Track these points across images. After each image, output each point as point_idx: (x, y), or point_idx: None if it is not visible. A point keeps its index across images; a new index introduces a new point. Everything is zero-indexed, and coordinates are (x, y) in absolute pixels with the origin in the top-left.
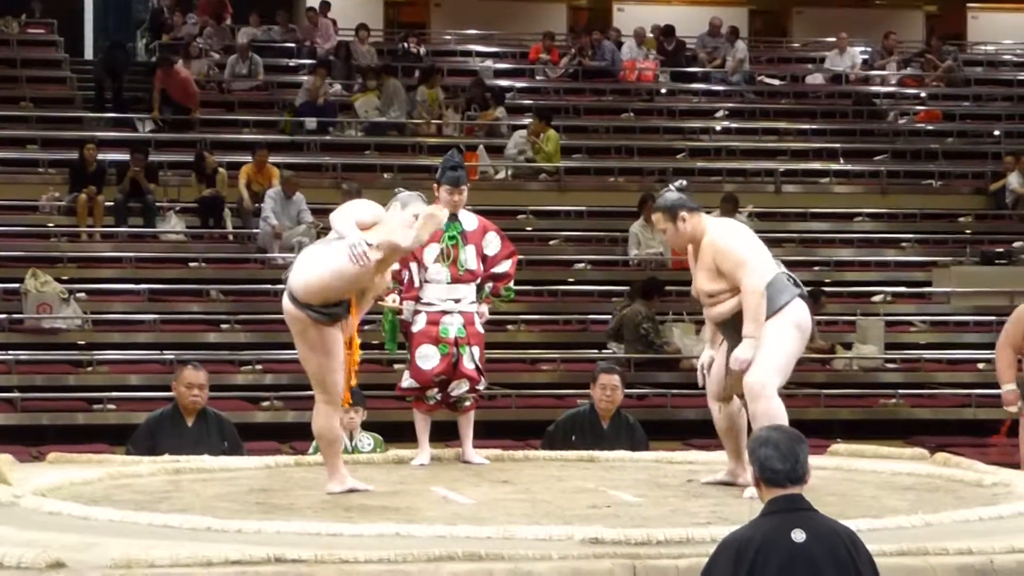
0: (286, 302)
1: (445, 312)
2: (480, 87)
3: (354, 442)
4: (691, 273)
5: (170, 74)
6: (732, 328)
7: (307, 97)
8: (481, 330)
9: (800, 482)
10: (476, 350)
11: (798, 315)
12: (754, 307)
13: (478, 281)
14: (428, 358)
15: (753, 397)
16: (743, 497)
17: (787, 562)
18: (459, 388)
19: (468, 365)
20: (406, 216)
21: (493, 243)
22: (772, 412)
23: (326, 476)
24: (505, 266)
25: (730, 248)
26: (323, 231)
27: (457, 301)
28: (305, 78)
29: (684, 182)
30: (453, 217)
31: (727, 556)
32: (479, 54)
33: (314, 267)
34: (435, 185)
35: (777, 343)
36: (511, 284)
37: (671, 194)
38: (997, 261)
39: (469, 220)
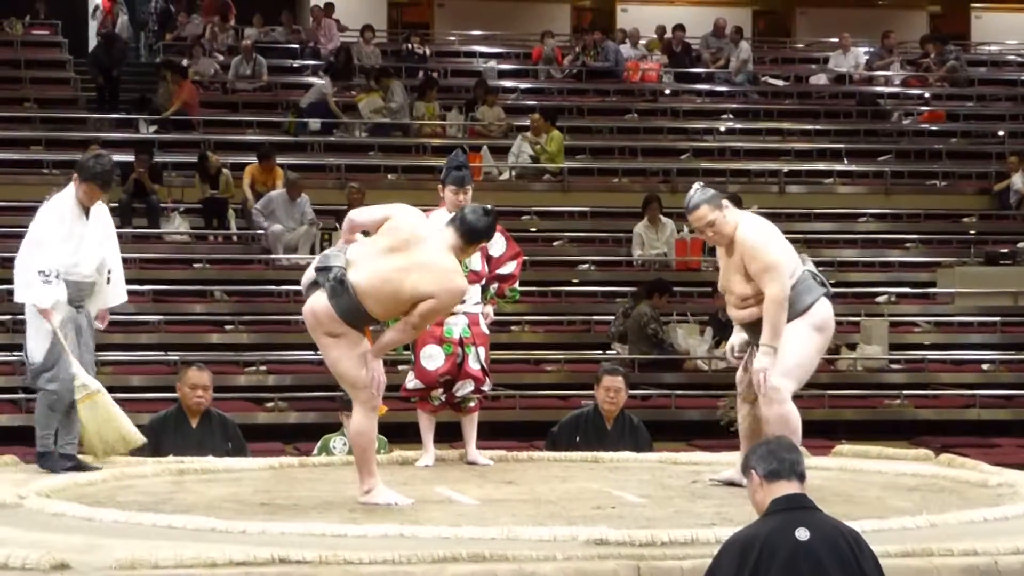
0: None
1: (450, 313)
2: (482, 88)
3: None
4: (720, 268)
5: (183, 86)
6: (756, 329)
7: (316, 98)
8: (486, 331)
9: (802, 478)
10: (482, 350)
11: (821, 316)
12: (773, 316)
13: (483, 282)
14: (433, 358)
15: (767, 402)
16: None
17: (791, 560)
18: (464, 388)
19: (474, 365)
20: None
21: (498, 244)
22: (785, 417)
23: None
24: (511, 267)
25: (760, 249)
26: (325, 231)
27: (462, 302)
28: (316, 80)
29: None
30: None
31: (731, 554)
32: (482, 55)
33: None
34: (439, 185)
35: (795, 346)
36: (516, 285)
37: (701, 190)
38: (1001, 261)
39: None
